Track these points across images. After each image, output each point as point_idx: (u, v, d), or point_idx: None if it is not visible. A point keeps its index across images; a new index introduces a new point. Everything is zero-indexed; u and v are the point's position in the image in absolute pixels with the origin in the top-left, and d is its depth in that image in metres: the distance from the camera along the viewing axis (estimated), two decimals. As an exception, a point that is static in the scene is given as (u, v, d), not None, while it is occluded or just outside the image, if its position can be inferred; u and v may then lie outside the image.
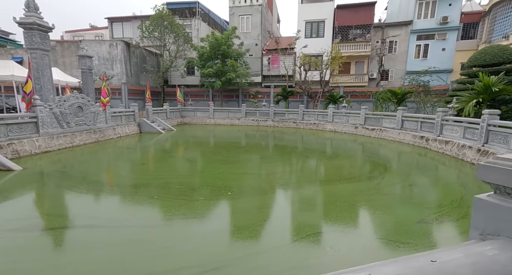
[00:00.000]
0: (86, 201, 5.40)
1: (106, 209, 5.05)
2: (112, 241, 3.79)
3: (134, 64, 24.01)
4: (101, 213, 4.84)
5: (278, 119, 21.16)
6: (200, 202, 5.28)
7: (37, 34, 12.76)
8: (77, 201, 5.38)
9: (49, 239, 3.92)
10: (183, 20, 28.71)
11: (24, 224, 4.31)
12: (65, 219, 4.59)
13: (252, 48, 27.15)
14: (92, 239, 3.84)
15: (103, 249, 3.56)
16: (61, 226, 4.27)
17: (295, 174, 7.81)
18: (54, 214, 4.71)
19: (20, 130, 8.64)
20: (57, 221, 4.40)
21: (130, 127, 14.79)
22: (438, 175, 8.09)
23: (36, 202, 5.46)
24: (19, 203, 5.27)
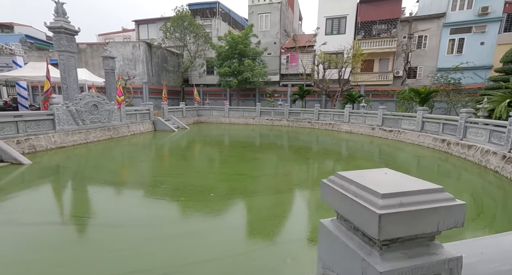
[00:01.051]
0: (82, 197, 5.66)
1: (102, 205, 5.24)
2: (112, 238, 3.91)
3: (156, 64, 24.99)
4: (97, 208, 5.03)
5: (293, 119, 20.72)
6: (182, 203, 5.27)
7: (64, 37, 13.70)
8: (73, 197, 5.66)
9: (47, 233, 4.15)
10: (203, 20, 29.30)
11: (13, 217, 4.61)
12: (52, 214, 4.84)
13: (270, 47, 26.89)
14: (91, 235, 3.99)
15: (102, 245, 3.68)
16: (53, 221, 4.50)
17: (307, 176, 7.45)
18: (37, 209, 4.99)
19: (38, 126, 9.39)
20: (47, 216, 4.66)
21: (145, 125, 15.40)
22: (453, 184, 7.28)
23: (28, 197, 5.83)
24: (16, 198, 5.67)
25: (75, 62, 14.73)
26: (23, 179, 6.56)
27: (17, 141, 8.43)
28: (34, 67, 18.78)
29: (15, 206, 5.06)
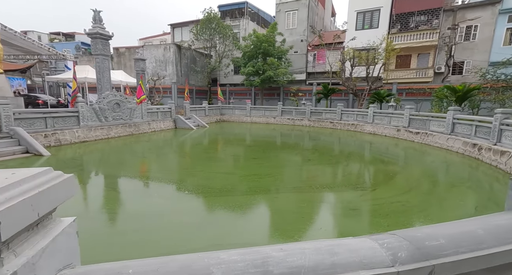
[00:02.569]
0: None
1: (98, 199, 5.74)
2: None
3: (185, 65, 26.26)
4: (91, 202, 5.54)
5: (314, 119, 19.98)
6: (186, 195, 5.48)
7: (99, 42, 15.17)
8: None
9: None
10: (232, 21, 29.90)
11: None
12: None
13: (297, 45, 26.31)
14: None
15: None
16: None
17: (328, 180, 7.03)
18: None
19: (64, 122, 10.61)
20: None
21: (166, 123, 16.32)
22: (477, 199, 6.27)
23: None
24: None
25: (109, 64, 16.23)
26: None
27: (44, 135, 9.65)
28: (79, 70, 21.18)
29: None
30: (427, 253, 1.03)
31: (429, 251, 1.05)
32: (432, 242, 1.09)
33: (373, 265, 0.95)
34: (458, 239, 1.12)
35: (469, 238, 1.14)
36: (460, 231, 1.19)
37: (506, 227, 1.23)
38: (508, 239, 1.15)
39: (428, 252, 1.04)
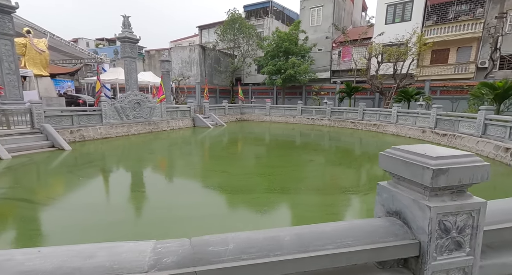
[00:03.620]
0: (87, 180, 6.86)
1: (104, 187, 6.28)
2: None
3: (208, 65, 27.04)
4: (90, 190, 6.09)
5: (335, 118, 19.22)
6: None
7: (128, 45, 16.33)
8: (74, 179, 6.92)
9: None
10: (257, 21, 30.02)
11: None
12: (56, 198, 6.06)
13: (321, 42, 25.53)
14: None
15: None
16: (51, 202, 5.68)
17: (350, 182, 6.65)
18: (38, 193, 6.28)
19: (88, 120, 11.64)
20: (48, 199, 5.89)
21: (184, 121, 17.00)
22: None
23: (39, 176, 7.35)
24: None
25: (136, 66, 17.38)
26: (60, 161, 8.30)
27: (70, 131, 10.71)
28: (113, 72, 23.00)
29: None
30: (199, 259, 0.97)
31: (207, 257, 0.98)
32: (218, 247, 1.02)
33: (122, 270, 0.92)
34: (247, 245, 1.04)
35: (265, 244, 1.05)
36: (267, 237, 1.10)
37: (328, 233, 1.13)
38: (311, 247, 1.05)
39: (202, 258, 0.98)
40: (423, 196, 1.19)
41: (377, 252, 1.12)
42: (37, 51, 16.41)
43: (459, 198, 1.20)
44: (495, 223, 1.31)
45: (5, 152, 7.82)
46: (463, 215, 1.19)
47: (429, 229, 1.13)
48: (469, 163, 1.15)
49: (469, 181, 1.15)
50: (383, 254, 1.15)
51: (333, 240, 1.10)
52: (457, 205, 1.16)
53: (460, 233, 1.19)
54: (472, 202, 1.19)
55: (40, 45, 16.76)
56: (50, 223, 4.24)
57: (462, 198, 1.20)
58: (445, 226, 1.16)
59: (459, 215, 1.18)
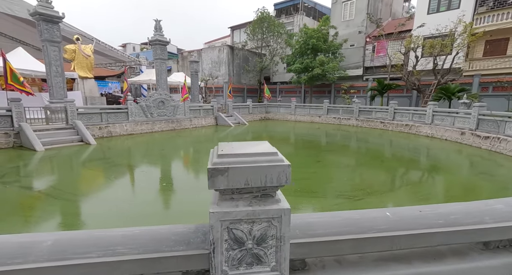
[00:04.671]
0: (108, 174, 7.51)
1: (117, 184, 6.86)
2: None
3: (237, 65, 27.46)
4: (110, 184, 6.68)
5: (363, 118, 17.99)
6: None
7: (158, 47, 17.42)
8: (96, 173, 7.61)
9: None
10: (287, 18, 29.58)
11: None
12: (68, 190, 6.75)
13: (353, 37, 24.11)
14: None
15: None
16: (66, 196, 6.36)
17: (381, 189, 6.02)
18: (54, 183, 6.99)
19: (116, 117, 12.70)
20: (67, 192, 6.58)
21: (207, 119, 17.53)
22: None
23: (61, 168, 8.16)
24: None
25: (165, 67, 18.45)
26: (83, 154, 9.20)
27: (99, 127, 11.81)
28: (149, 73, 24.76)
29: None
30: None
31: None
32: None
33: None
34: None
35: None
36: (22, 242, 1.03)
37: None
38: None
39: None
40: (215, 201, 1.02)
41: (152, 263, 0.97)
42: (84, 56, 18.28)
43: (260, 203, 0.99)
44: (316, 235, 1.06)
45: (40, 145, 8.95)
46: (262, 224, 0.97)
47: (211, 238, 0.96)
48: (260, 163, 0.94)
49: (262, 184, 0.95)
50: (161, 265, 0.99)
51: (102, 247, 0.98)
52: (250, 211, 0.96)
53: (260, 244, 0.99)
54: (270, 209, 0.97)
55: (86, 51, 18.62)
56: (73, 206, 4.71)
57: (264, 204, 0.99)
58: (236, 235, 0.97)
59: (256, 224, 0.97)
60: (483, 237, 1.19)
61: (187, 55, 30.68)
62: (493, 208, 1.24)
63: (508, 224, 1.16)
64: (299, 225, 1.09)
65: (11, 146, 9.38)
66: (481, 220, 1.18)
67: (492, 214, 1.21)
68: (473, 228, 1.15)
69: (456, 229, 1.12)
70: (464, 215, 1.19)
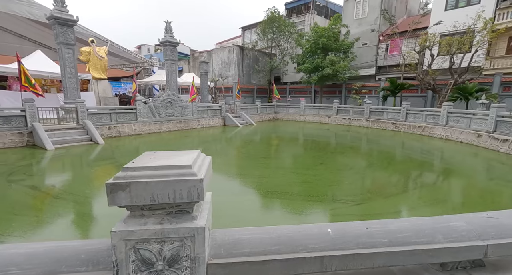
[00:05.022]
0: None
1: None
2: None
3: (247, 65, 27.45)
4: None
5: (374, 119, 17.46)
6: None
7: (168, 48, 17.68)
8: (101, 171, 7.80)
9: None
10: (297, 17, 29.24)
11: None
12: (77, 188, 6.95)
13: (366, 36, 23.50)
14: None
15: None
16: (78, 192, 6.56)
17: (392, 193, 5.77)
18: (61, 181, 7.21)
19: (125, 117, 12.99)
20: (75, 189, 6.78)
21: (215, 120, 17.61)
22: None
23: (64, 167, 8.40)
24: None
25: (176, 68, 18.71)
26: (90, 153, 9.47)
27: (108, 127, 12.13)
28: (160, 74, 25.25)
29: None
30: None
31: None
32: None
33: None
34: None
35: None
36: None
37: None
38: None
39: None
40: (124, 217, 0.94)
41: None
42: (98, 58, 18.82)
43: (172, 220, 0.91)
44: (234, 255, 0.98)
45: (50, 144, 9.28)
46: (174, 243, 0.89)
47: (114, 259, 0.88)
48: (168, 177, 0.85)
49: (170, 200, 0.86)
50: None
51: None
52: (158, 230, 0.87)
53: (172, 266, 0.90)
54: (181, 227, 0.88)
55: (100, 52, 19.16)
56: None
57: (177, 221, 0.90)
58: (143, 256, 0.88)
59: (167, 243, 0.89)
60: (433, 258, 1.05)
61: (198, 56, 31.01)
62: (449, 226, 1.11)
63: (463, 244, 1.02)
64: (226, 243, 1.00)
65: (24, 145, 9.80)
66: (433, 239, 1.05)
67: (447, 233, 1.08)
68: (423, 248, 1.02)
69: (402, 249, 1.00)
70: (414, 233, 1.07)
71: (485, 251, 1.10)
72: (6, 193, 5.31)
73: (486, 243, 1.10)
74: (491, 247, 1.10)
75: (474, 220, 1.18)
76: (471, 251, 1.08)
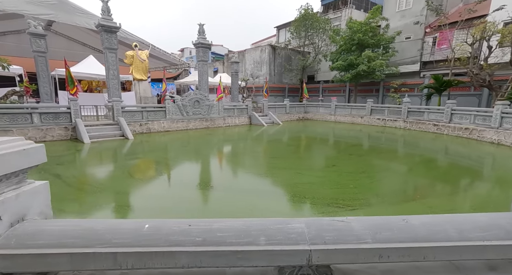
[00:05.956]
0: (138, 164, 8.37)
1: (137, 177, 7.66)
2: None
3: (278, 64, 27.20)
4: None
5: (412, 120, 15.83)
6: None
7: (201, 50, 18.49)
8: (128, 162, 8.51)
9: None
10: (334, 13, 27.99)
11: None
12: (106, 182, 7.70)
13: (409, 29, 21.46)
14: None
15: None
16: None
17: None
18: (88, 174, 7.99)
19: (155, 115, 13.93)
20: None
21: (241, 119, 17.83)
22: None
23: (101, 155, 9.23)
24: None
25: (207, 68, 19.48)
26: (120, 147, 10.36)
27: (140, 124, 13.15)
28: (194, 75, 26.49)
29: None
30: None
31: None
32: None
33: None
34: None
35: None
36: None
37: None
38: None
39: None
40: None
41: None
42: (140, 61, 20.52)
43: None
44: None
45: (87, 138, 10.44)
46: None
47: None
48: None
49: None
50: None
51: None
52: None
53: None
54: None
55: (142, 56, 20.85)
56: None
57: None
58: None
59: None
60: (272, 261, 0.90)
61: (232, 56, 31.78)
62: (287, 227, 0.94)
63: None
64: (21, 234, 0.98)
65: (68, 138, 11.18)
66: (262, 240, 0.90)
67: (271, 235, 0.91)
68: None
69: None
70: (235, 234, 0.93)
71: (308, 256, 0.92)
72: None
73: (311, 248, 0.91)
74: (315, 253, 0.92)
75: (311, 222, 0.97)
76: (293, 256, 0.90)
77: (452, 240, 1.00)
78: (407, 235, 1.03)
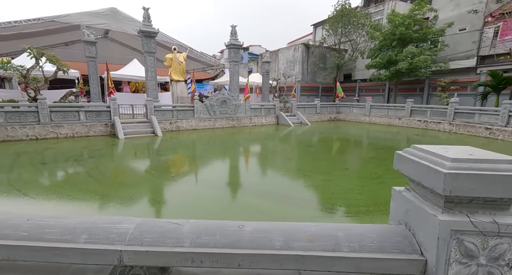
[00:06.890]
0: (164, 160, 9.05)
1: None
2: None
3: (312, 63, 26.41)
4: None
5: (459, 122, 13.97)
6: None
7: (232, 51, 19.08)
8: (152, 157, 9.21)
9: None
10: (375, 7, 26.16)
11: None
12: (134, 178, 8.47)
13: (464, 19, 19.03)
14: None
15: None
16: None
17: None
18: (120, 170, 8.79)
19: (184, 114, 14.71)
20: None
21: (268, 118, 17.78)
22: None
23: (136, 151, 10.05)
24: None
25: (238, 68, 19.95)
26: (149, 142, 11.19)
27: (170, 122, 14.03)
28: (228, 75, 27.23)
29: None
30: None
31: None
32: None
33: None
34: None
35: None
36: None
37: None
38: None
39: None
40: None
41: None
42: (178, 63, 21.92)
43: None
44: None
45: (122, 134, 11.53)
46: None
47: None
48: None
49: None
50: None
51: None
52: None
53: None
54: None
55: (180, 58, 22.23)
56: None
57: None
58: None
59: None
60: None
61: (269, 57, 31.86)
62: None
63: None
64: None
65: (108, 134, 12.49)
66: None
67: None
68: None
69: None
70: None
71: (119, 257, 0.88)
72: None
73: (123, 248, 0.87)
74: (126, 253, 0.88)
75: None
76: (103, 255, 0.88)
77: (274, 248, 0.89)
78: (228, 241, 0.94)
